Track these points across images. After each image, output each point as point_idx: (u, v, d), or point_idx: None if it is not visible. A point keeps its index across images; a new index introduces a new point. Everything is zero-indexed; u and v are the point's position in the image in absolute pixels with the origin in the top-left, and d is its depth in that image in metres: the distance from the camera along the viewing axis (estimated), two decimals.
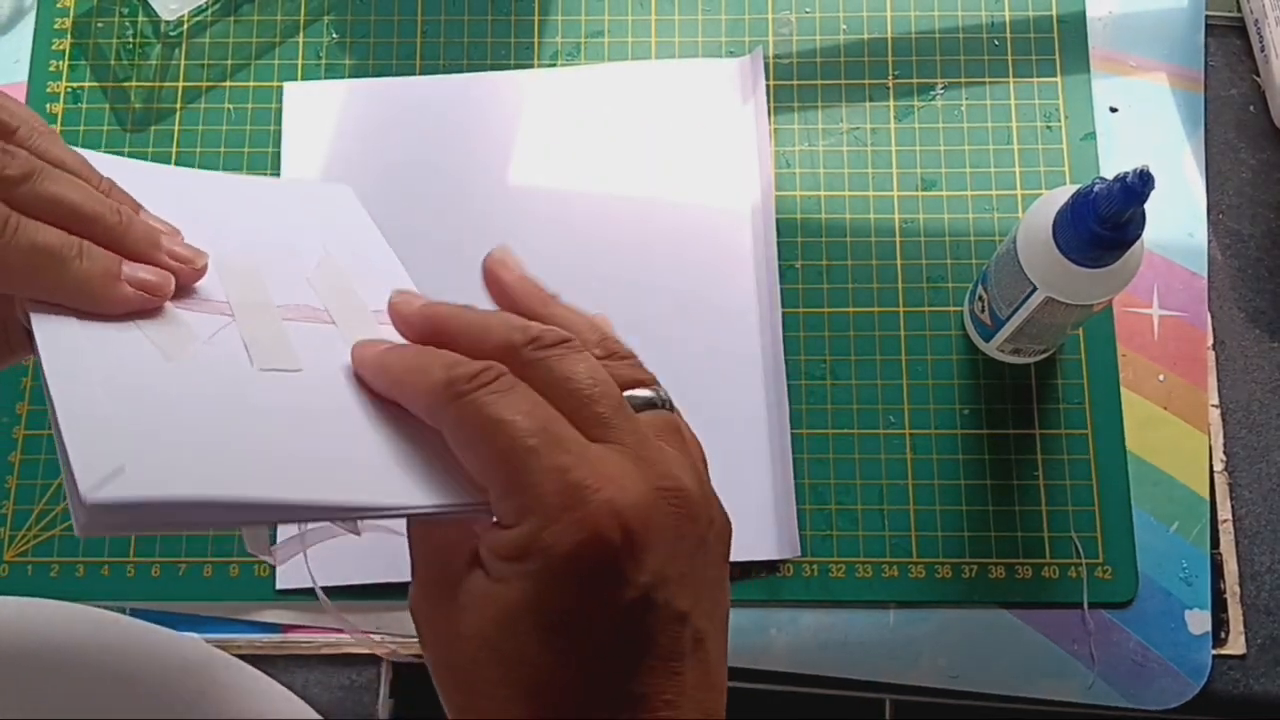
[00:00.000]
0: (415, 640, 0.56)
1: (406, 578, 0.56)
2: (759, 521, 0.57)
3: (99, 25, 0.65)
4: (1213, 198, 0.62)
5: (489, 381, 0.31)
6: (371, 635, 0.56)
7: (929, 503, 0.57)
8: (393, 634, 0.56)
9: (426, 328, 0.34)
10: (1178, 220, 0.62)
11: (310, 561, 0.56)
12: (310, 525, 0.37)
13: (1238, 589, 0.57)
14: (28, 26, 0.65)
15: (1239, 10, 0.65)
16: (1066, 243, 0.48)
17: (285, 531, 0.47)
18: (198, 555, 0.57)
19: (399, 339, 0.35)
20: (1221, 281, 0.61)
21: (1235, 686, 0.56)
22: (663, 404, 0.35)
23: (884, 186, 0.62)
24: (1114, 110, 0.63)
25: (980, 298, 0.56)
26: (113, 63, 0.64)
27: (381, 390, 0.34)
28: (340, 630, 0.56)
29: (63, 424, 0.30)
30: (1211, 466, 0.58)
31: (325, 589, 0.56)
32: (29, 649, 0.47)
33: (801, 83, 0.64)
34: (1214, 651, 0.56)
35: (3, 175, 0.34)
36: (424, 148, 0.62)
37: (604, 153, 0.62)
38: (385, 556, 0.56)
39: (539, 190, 0.61)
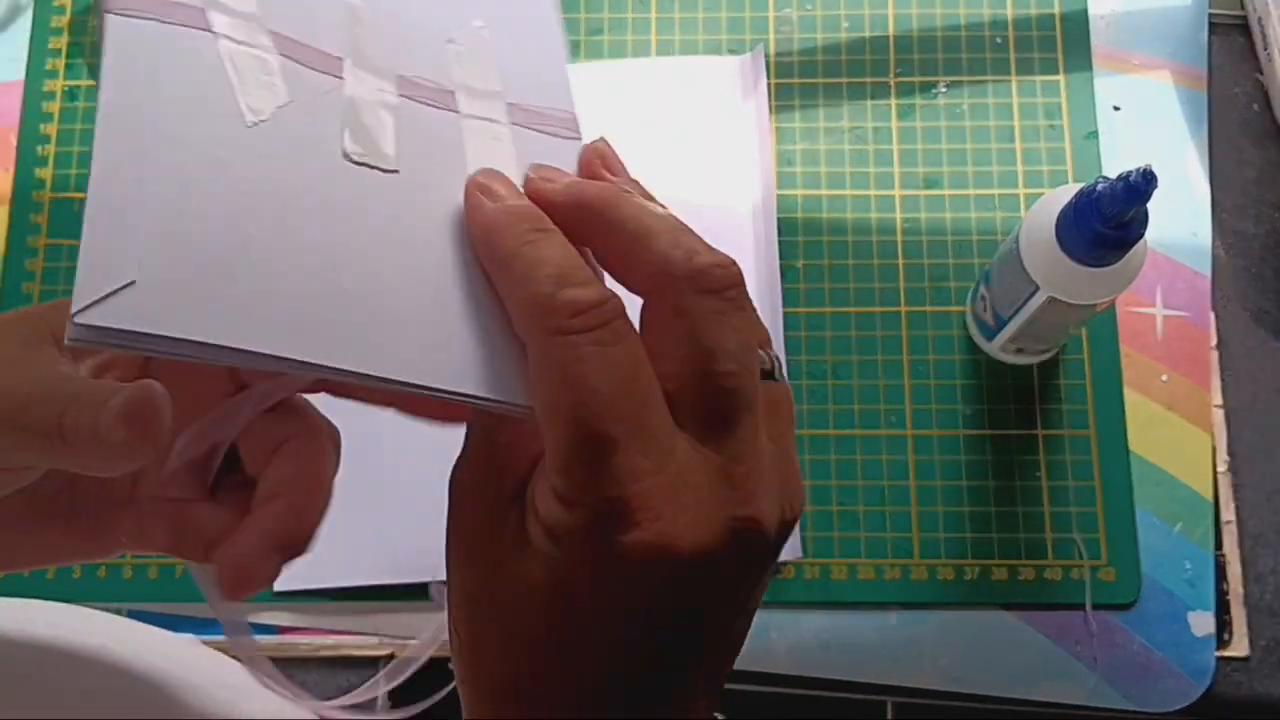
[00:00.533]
0: (410, 641, 0.56)
1: (406, 579, 0.56)
2: None
3: (95, 24, 0.64)
4: (1216, 197, 0.62)
5: (595, 326, 0.26)
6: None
7: (931, 504, 0.57)
8: (391, 635, 0.56)
9: (572, 215, 0.28)
10: (1181, 219, 0.61)
11: (309, 563, 0.56)
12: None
13: (1241, 590, 0.57)
14: (24, 25, 0.64)
15: (1242, 8, 0.65)
16: (1069, 242, 0.48)
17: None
18: None
19: (536, 153, 0.30)
20: (1225, 281, 0.61)
21: (1239, 688, 0.56)
22: (775, 371, 0.29)
23: (886, 185, 0.62)
24: (1117, 109, 0.63)
25: (982, 297, 0.56)
26: None
27: (478, 256, 0.28)
28: (339, 632, 0.56)
29: (90, 194, 0.24)
30: (1215, 467, 0.58)
31: (325, 590, 0.56)
32: (12, 650, 0.47)
33: (803, 81, 0.63)
34: (1217, 653, 0.56)
35: None
36: None
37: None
38: (384, 558, 0.56)
39: None
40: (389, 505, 0.57)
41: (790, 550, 0.56)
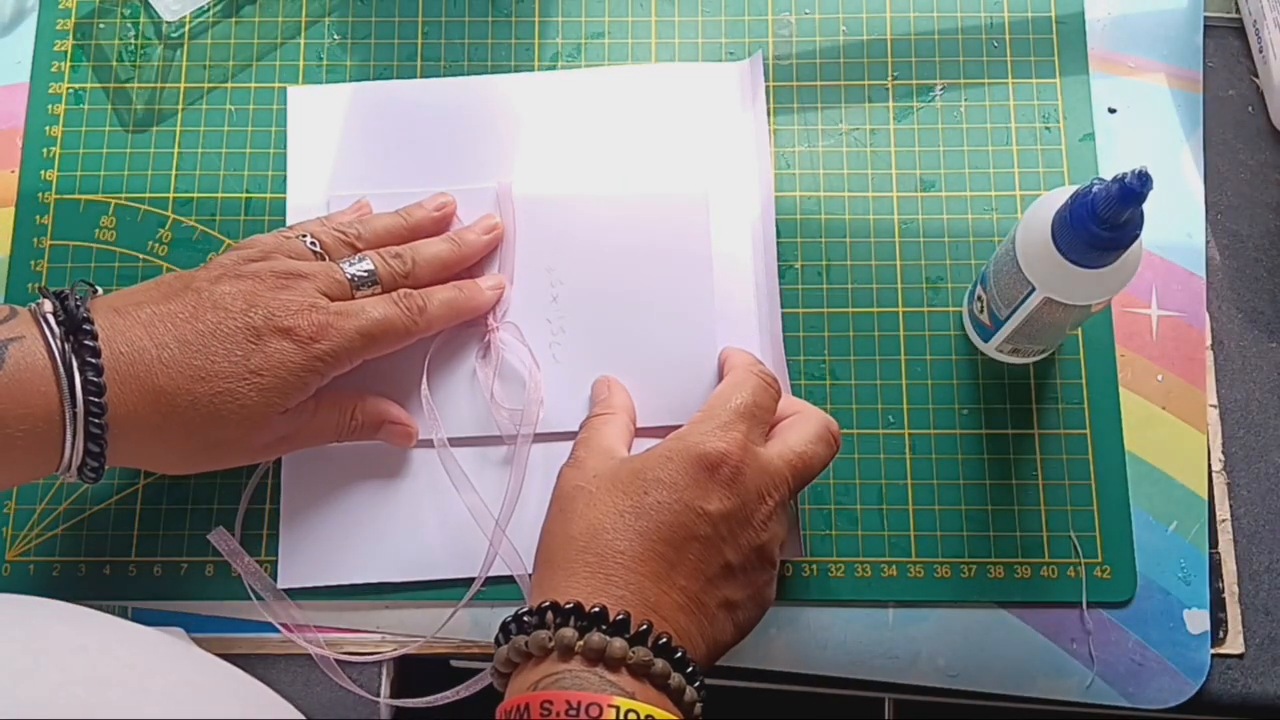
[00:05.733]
0: (412, 639, 0.56)
1: (406, 577, 0.56)
2: None
3: (101, 26, 0.65)
4: (1211, 198, 0.62)
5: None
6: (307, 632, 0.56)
7: (928, 502, 0.58)
8: (393, 633, 0.56)
9: None
10: (1176, 221, 0.62)
11: (311, 560, 0.56)
12: None
13: (1236, 588, 0.57)
14: (29, 27, 0.65)
15: (1237, 11, 0.65)
16: (1065, 243, 0.48)
17: None
18: (199, 555, 0.57)
19: None
20: (1220, 282, 0.61)
21: (1234, 686, 0.56)
22: None
23: (883, 187, 0.62)
24: (1112, 111, 0.63)
25: (979, 298, 0.57)
26: (114, 64, 0.64)
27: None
28: (342, 630, 0.56)
29: None
30: (1210, 466, 0.59)
31: (328, 588, 0.56)
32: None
33: (801, 84, 0.64)
34: (1212, 651, 0.56)
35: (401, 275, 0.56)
36: (427, 151, 0.62)
37: (605, 154, 0.62)
38: (388, 556, 0.57)
39: (540, 192, 0.61)
40: (393, 504, 0.57)
41: (791, 549, 0.57)
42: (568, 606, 0.43)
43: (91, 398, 0.46)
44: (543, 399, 0.58)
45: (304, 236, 0.55)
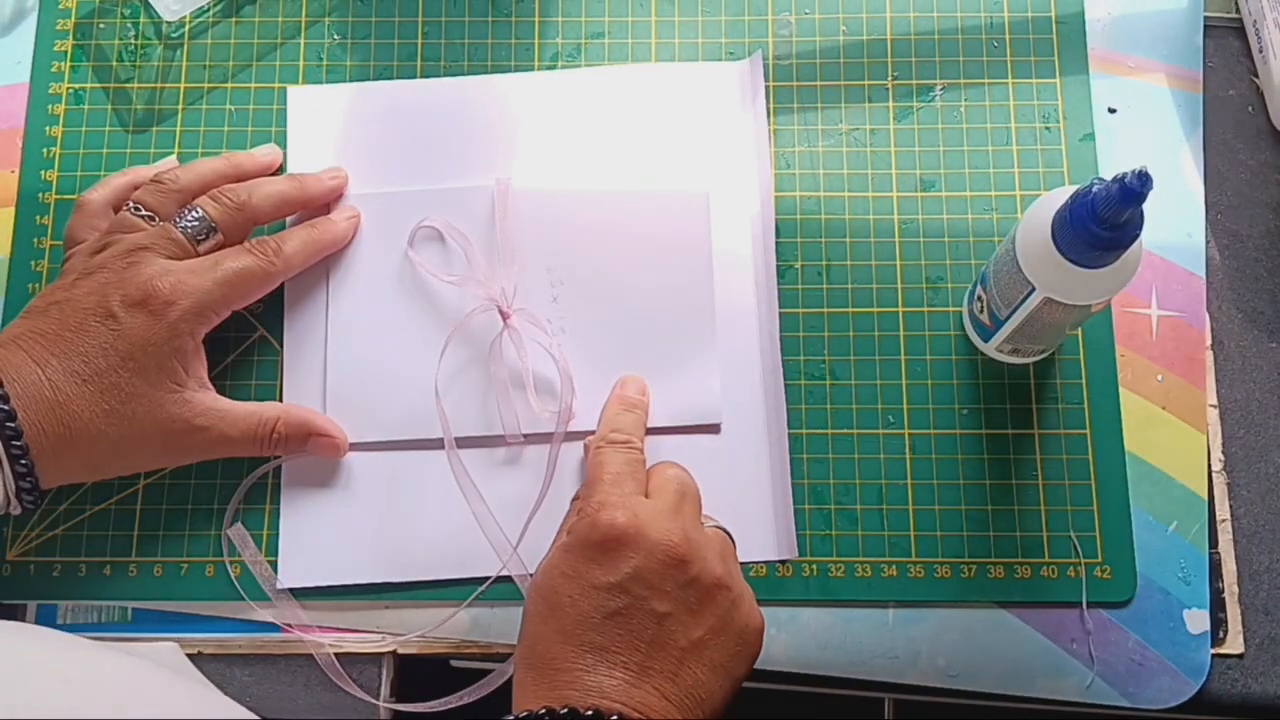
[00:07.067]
0: (411, 639, 0.56)
1: (406, 577, 0.56)
2: (758, 523, 0.57)
3: (101, 26, 0.65)
4: (1211, 198, 0.62)
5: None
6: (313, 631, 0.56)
7: (928, 502, 0.58)
8: (394, 633, 0.56)
9: None
10: (1176, 221, 0.62)
11: (311, 560, 0.56)
12: None
13: (1236, 588, 0.57)
14: (29, 27, 0.65)
15: (1237, 11, 0.65)
16: (1065, 243, 0.48)
17: None
18: (200, 555, 0.57)
19: None
20: (1220, 282, 0.61)
21: (1234, 686, 0.56)
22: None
23: (883, 187, 0.62)
24: (1112, 111, 0.63)
25: (979, 298, 0.57)
26: (114, 64, 0.64)
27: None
28: (341, 630, 0.56)
29: None
30: (1210, 466, 0.59)
31: (327, 588, 0.56)
32: None
33: (801, 84, 0.64)
34: (1212, 651, 0.56)
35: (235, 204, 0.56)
36: (427, 151, 0.62)
37: (605, 154, 0.62)
38: (385, 556, 0.57)
39: (540, 192, 0.61)
40: (393, 504, 0.57)
41: (787, 550, 0.57)
42: (521, 716, 0.43)
43: (7, 423, 0.49)
44: (574, 393, 0.58)
45: (129, 207, 0.56)
